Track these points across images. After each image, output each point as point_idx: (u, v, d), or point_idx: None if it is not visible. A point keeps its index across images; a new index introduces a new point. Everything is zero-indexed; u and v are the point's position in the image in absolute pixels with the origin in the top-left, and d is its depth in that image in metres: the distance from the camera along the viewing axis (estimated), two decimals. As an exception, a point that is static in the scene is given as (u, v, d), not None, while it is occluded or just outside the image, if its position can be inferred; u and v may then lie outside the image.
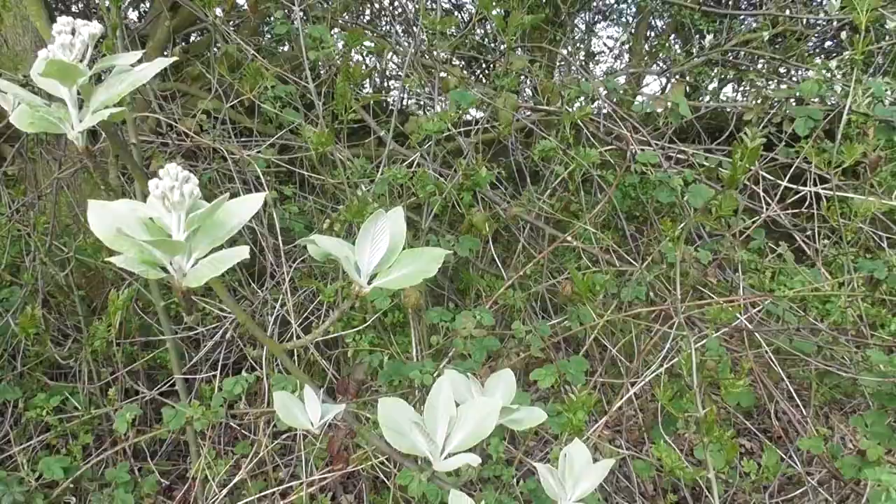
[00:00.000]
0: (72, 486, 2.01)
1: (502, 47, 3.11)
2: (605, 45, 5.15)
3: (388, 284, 0.80)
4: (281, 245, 2.18)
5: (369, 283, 0.81)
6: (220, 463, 2.00)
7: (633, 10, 4.86)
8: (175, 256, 0.66)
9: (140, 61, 0.73)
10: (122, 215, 0.66)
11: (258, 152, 2.28)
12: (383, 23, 3.72)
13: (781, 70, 3.54)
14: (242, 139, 2.57)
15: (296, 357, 2.10)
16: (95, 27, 0.71)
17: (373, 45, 2.94)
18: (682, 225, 1.96)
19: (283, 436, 2.17)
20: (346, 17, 2.99)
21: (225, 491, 1.94)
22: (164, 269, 0.67)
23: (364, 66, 3.05)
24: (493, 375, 0.99)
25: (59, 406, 2.10)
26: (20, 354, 2.21)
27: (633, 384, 1.98)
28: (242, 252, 0.67)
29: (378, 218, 0.81)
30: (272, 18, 2.88)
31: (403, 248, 0.82)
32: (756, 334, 2.06)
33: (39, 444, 2.13)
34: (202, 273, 0.67)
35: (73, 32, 0.71)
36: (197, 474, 1.98)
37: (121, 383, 2.29)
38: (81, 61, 0.71)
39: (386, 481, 1.95)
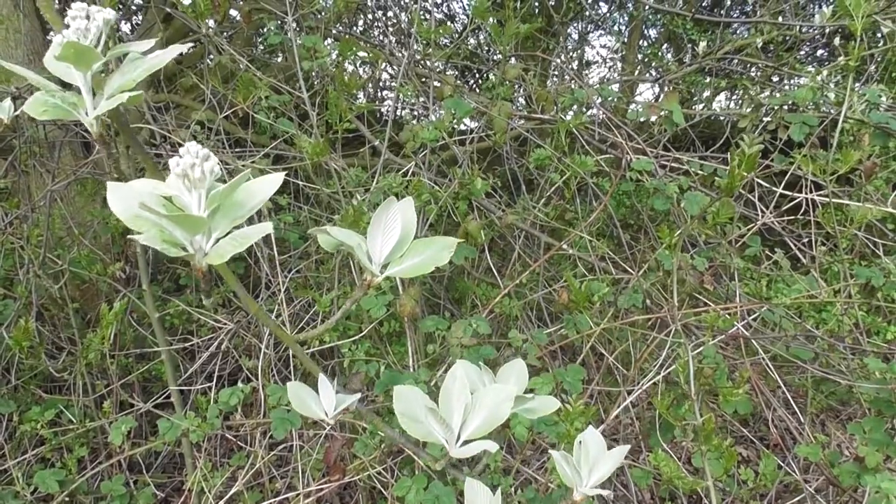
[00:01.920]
0: (67, 499, 2.00)
1: (495, 57, 3.11)
2: (598, 54, 5.16)
3: (401, 273, 0.80)
4: (276, 255, 2.17)
5: (381, 271, 0.81)
6: (216, 475, 1.99)
7: (626, 19, 4.88)
8: (196, 236, 0.65)
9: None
10: (142, 194, 0.64)
11: (252, 162, 2.27)
12: (376, 33, 3.72)
13: (774, 78, 3.55)
14: (237, 150, 2.57)
15: (292, 367, 2.10)
16: (109, 13, 0.71)
17: (367, 54, 2.94)
18: (678, 232, 1.96)
19: (280, 447, 2.16)
20: (340, 28, 2.99)
21: (221, 503, 1.93)
22: (185, 250, 0.66)
23: (359, 77, 3.06)
24: (505, 365, 0.98)
25: (54, 419, 2.09)
26: (14, 368, 2.19)
27: (629, 392, 1.97)
28: (266, 228, 0.66)
29: (390, 206, 0.80)
30: (265, 29, 2.88)
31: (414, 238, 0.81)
32: (753, 341, 2.06)
33: (34, 458, 2.11)
34: (224, 250, 0.65)
35: (87, 17, 0.70)
36: (193, 486, 1.97)
37: (116, 396, 2.28)
38: (95, 47, 0.70)
39: (383, 492, 1.94)
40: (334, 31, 2.92)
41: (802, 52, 4.31)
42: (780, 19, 3.33)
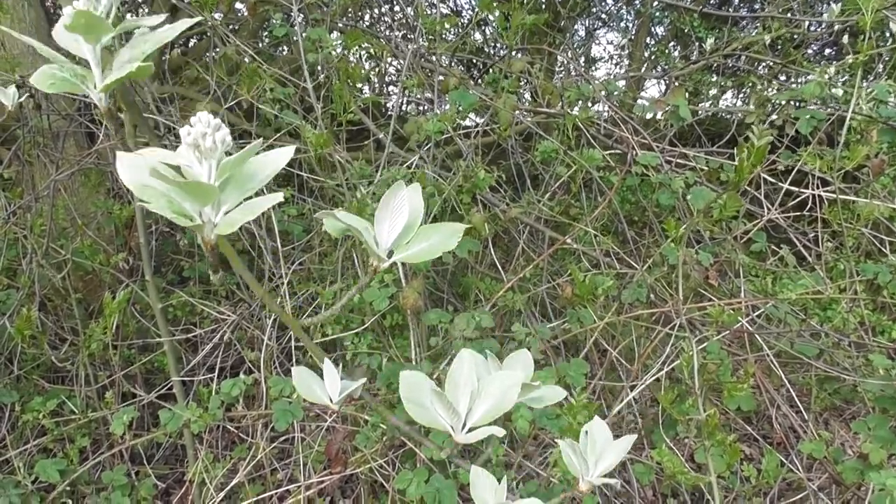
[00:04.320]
0: (68, 489, 2.00)
1: (501, 52, 3.10)
2: (605, 51, 5.16)
3: (408, 259, 0.79)
4: (280, 248, 2.17)
5: (389, 257, 0.80)
6: (217, 466, 1.99)
7: (633, 16, 4.87)
8: (205, 207, 0.64)
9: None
10: (152, 163, 0.62)
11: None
12: (382, 27, 3.71)
13: (782, 77, 3.53)
14: (241, 141, 2.56)
15: (294, 359, 2.09)
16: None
17: (372, 47, 2.93)
18: (684, 226, 1.95)
19: (281, 439, 2.16)
20: (345, 21, 2.98)
21: (222, 494, 1.93)
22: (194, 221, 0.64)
23: (363, 69, 3.05)
24: (511, 355, 0.97)
25: (56, 409, 2.09)
26: (17, 358, 2.19)
27: (632, 388, 1.96)
28: (277, 197, 0.65)
29: (398, 190, 0.79)
30: (271, 21, 2.88)
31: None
32: (757, 337, 2.05)
33: (36, 448, 2.11)
34: (234, 219, 0.64)
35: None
36: (194, 478, 1.97)
37: (118, 386, 2.27)
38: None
39: (385, 484, 1.94)
40: (340, 24, 2.91)
41: (810, 51, 4.30)
42: (789, 16, 3.31)
